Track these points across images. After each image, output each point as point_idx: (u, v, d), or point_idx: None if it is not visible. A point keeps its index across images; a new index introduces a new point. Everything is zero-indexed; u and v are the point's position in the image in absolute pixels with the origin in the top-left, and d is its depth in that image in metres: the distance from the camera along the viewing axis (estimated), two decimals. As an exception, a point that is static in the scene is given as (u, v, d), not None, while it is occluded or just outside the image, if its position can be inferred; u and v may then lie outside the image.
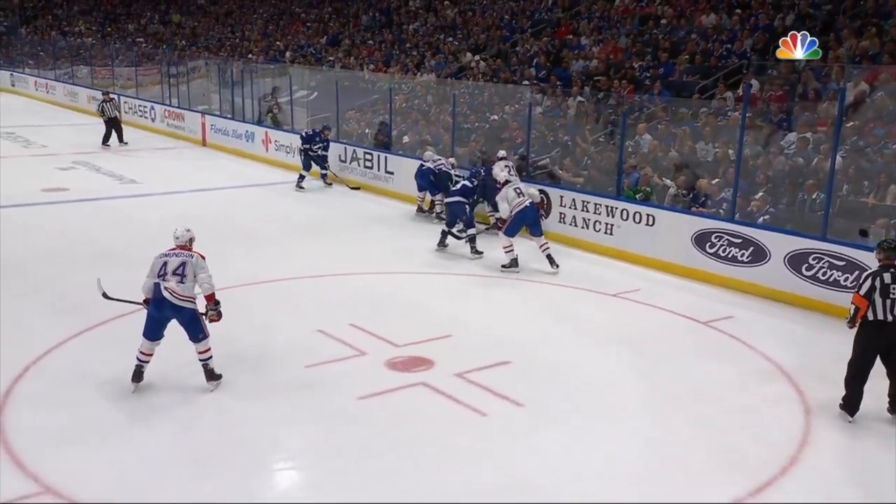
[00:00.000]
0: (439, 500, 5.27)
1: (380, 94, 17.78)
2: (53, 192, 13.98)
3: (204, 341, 6.68)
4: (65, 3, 41.06)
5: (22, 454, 5.62)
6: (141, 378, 6.64)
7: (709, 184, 10.57)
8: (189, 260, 6.59)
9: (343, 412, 6.42)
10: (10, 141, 19.89)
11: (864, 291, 6.11)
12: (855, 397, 6.29)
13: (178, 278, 6.52)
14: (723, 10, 15.26)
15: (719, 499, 5.36)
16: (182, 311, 6.57)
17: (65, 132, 22.03)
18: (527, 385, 6.89)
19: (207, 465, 5.63)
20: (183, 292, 6.52)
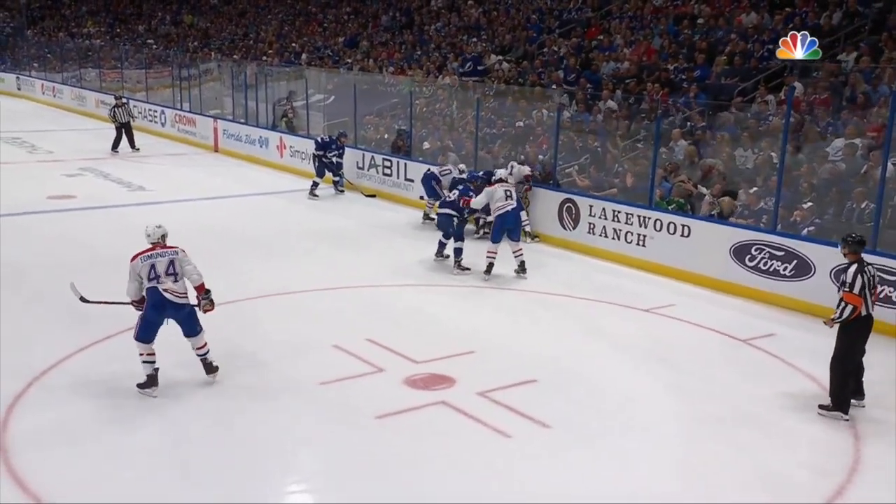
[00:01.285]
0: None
1: (399, 98, 17.85)
2: (59, 200, 14.14)
3: (201, 334, 6.94)
4: (73, 3, 41.68)
5: (24, 468, 5.66)
6: (157, 381, 6.84)
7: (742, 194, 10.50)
8: (175, 257, 6.83)
9: (359, 432, 6.40)
10: (16, 146, 20.17)
11: (858, 290, 6.55)
12: (847, 395, 6.71)
13: (172, 277, 6.74)
14: (764, 8, 15.17)
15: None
16: (181, 308, 6.79)
17: (72, 137, 22.29)
18: (553, 405, 6.85)
19: (219, 487, 5.63)
20: (180, 290, 6.77)
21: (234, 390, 7.06)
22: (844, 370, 6.70)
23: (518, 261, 10.43)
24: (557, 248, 11.76)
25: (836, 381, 6.73)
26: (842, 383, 6.70)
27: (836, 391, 6.72)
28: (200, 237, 11.90)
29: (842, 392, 6.71)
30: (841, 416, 6.67)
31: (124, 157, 19.08)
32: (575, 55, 17.23)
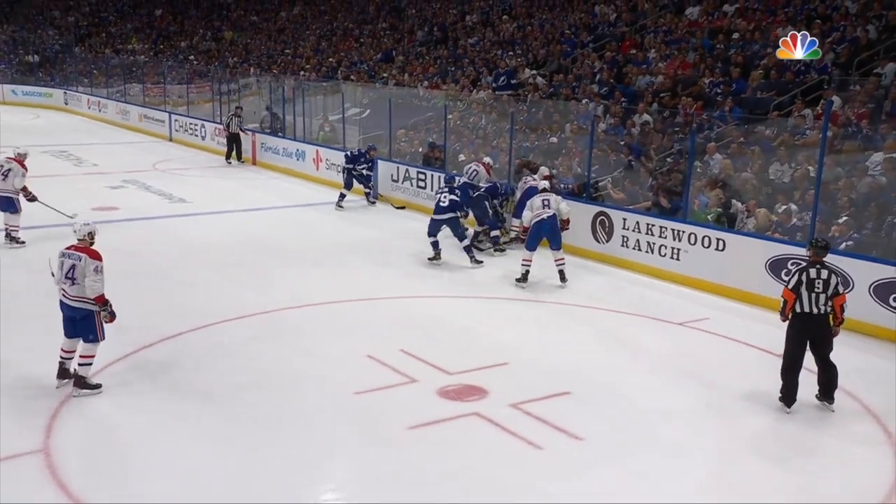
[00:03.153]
0: (492, 539, 5.19)
1: (434, 112, 17.89)
2: (103, 211, 14.34)
3: (92, 344, 7.01)
4: (118, 21, 42.49)
5: (66, 471, 5.70)
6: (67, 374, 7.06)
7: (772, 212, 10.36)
8: (77, 262, 6.89)
9: (393, 442, 6.38)
10: (62, 159, 20.56)
11: (792, 285, 6.84)
12: (791, 388, 6.91)
13: (69, 281, 6.87)
14: (801, 22, 14.98)
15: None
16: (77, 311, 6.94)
17: (116, 150, 22.65)
18: (586, 418, 6.77)
19: (256, 492, 5.64)
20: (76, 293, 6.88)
21: (270, 398, 7.08)
22: (784, 364, 6.97)
23: (558, 269, 10.49)
24: (591, 260, 11.67)
25: (781, 374, 6.99)
26: (785, 378, 6.94)
27: (782, 384, 6.97)
28: (238, 248, 12.06)
29: (785, 385, 6.93)
30: (783, 408, 6.93)
31: (166, 171, 19.23)
32: (609, 69, 17.15)
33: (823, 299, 6.78)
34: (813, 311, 6.77)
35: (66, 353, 7.08)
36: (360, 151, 15.66)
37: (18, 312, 8.93)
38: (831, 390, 6.97)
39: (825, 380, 6.97)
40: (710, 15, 17.29)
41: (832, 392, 6.97)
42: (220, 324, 8.82)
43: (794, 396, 6.92)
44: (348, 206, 15.35)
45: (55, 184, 17.12)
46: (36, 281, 9.86)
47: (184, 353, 8.01)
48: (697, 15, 17.58)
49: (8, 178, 11.50)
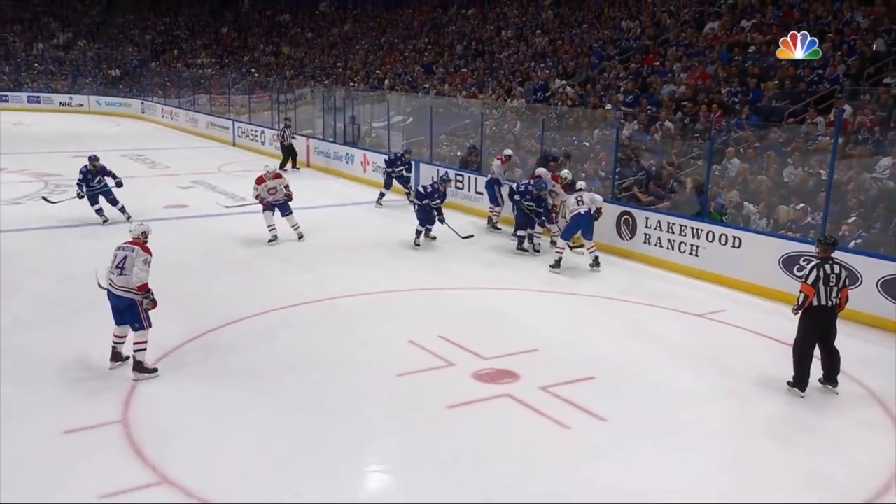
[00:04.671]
0: (523, 509, 5.18)
1: (471, 119, 17.86)
2: (174, 209, 14.58)
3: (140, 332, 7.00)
4: (189, 38, 43.08)
5: (142, 441, 5.82)
6: (120, 357, 7.17)
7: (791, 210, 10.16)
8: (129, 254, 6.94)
9: (431, 420, 6.40)
10: (139, 162, 20.92)
11: (812, 281, 6.71)
12: (805, 375, 6.85)
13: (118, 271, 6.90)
14: (814, 35, 14.65)
15: (807, 523, 5.07)
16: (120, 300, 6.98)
17: (185, 154, 22.98)
18: (610, 401, 6.72)
19: (301, 465, 5.69)
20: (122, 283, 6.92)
21: (321, 379, 7.15)
22: (799, 354, 6.86)
23: (592, 256, 10.73)
24: (615, 256, 11.57)
25: (795, 362, 6.88)
26: (800, 365, 6.85)
27: (797, 371, 6.87)
28: (293, 242, 12.16)
29: (799, 371, 6.85)
30: (798, 393, 6.84)
31: (230, 173, 19.41)
32: (633, 80, 16.97)
33: (835, 292, 6.74)
34: (827, 304, 6.73)
35: (118, 338, 7.16)
36: (398, 155, 15.73)
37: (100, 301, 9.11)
38: (835, 374, 6.93)
39: (829, 364, 6.93)
40: (729, 30, 17.01)
41: (836, 376, 6.93)
42: (278, 311, 8.91)
43: (807, 383, 6.86)
44: (390, 205, 15.38)
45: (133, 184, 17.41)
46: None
47: (246, 336, 8.12)
48: (717, 30, 17.31)
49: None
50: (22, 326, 8.26)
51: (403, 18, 32.22)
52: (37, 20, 43.42)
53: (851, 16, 14.77)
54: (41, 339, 7.90)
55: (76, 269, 10.35)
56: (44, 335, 8.01)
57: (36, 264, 10.74)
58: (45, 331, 8.15)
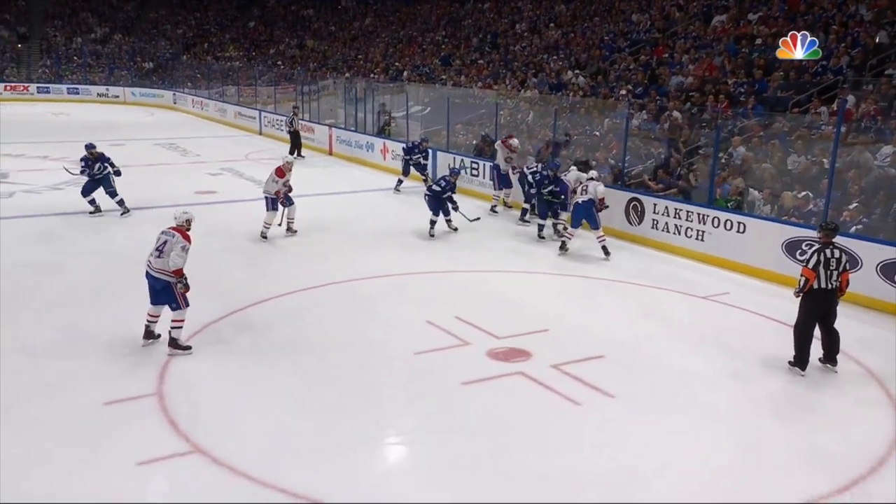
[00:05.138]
0: (533, 480, 5.20)
1: (486, 109, 17.78)
2: (204, 195, 14.65)
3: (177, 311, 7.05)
4: (218, 32, 43.10)
5: (175, 413, 5.90)
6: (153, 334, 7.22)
7: (795, 196, 10.05)
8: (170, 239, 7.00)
9: (448, 395, 6.44)
10: (171, 150, 21.03)
11: (812, 265, 6.66)
12: (805, 355, 6.82)
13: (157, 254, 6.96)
14: (819, 28, 14.45)
15: (804, 495, 5.05)
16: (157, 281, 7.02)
17: (215, 143, 23.04)
18: (618, 378, 6.72)
19: (325, 437, 5.75)
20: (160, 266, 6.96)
21: (345, 356, 7.20)
22: (801, 334, 6.82)
23: (601, 246, 10.61)
24: (624, 241, 11.52)
25: (796, 343, 6.84)
26: (800, 345, 6.81)
27: (797, 351, 6.83)
28: (316, 226, 12.20)
29: (800, 352, 6.81)
30: (798, 372, 6.81)
31: (257, 161, 19.41)
32: (643, 71, 16.80)
33: (835, 276, 6.70)
34: (827, 287, 6.68)
35: (151, 317, 7.21)
36: (416, 143, 15.71)
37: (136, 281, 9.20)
38: (834, 354, 6.90)
39: (829, 345, 6.90)
40: (736, 22, 16.77)
41: (835, 356, 6.90)
42: (302, 291, 8.97)
43: (807, 362, 6.85)
44: (408, 191, 15.36)
45: (166, 171, 17.62)
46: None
47: (272, 316, 8.18)
48: (724, 22, 17.07)
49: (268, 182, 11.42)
50: (65, 305, 8.37)
51: (422, 12, 32.05)
52: (76, 16, 43.60)
53: (856, 9, 14.52)
54: (82, 316, 8.01)
55: (115, 252, 10.49)
56: (85, 313, 8.12)
57: (77, 247, 10.86)
58: (86, 309, 8.26)
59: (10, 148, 19.60)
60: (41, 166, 17.34)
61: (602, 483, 5.18)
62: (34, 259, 10.07)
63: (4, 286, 8.87)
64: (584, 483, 5.19)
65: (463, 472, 5.30)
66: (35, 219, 12.33)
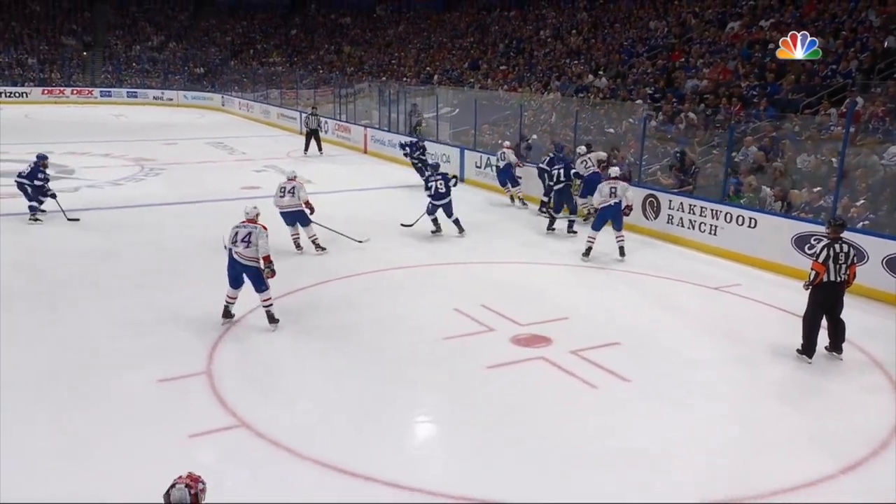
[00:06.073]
0: (552, 456, 5.20)
1: (511, 111, 17.69)
2: (249, 190, 14.76)
3: (265, 292, 7.23)
4: (263, 39, 43.39)
5: (223, 390, 5.99)
6: (230, 315, 7.38)
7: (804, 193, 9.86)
8: (253, 230, 7.13)
9: (473, 378, 6.45)
10: (219, 149, 21.25)
11: (822, 259, 6.54)
12: (813, 344, 6.73)
13: (244, 244, 7.07)
14: (830, 33, 14.13)
15: (808, 475, 4.99)
16: (248, 268, 7.14)
17: (259, 142, 23.22)
18: (633, 364, 6.68)
19: (362, 414, 5.81)
20: (250, 255, 7.09)
21: (378, 339, 7.25)
22: (810, 324, 6.72)
23: (619, 245, 10.12)
24: (640, 235, 11.40)
25: (804, 332, 6.75)
26: (809, 334, 6.72)
27: (805, 340, 6.75)
28: (351, 220, 12.24)
29: (808, 341, 6.73)
30: (805, 360, 6.73)
31: (304, 158, 19.48)
32: (660, 75, 16.58)
33: (843, 269, 6.59)
34: (836, 280, 6.59)
35: (230, 299, 7.35)
36: (412, 142, 15.12)
37: (188, 269, 9.36)
38: (840, 343, 6.81)
39: (835, 334, 6.80)
40: (749, 28, 16.45)
41: (841, 344, 6.81)
42: (338, 280, 9.05)
43: (814, 350, 6.76)
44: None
45: (215, 168, 17.82)
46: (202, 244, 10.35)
47: (311, 302, 8.26)
48: (737, 29, 16.76)
49: (294, 193, 10.16)
50: (121, 291, 8.53)
51: (451, 20, 31.93)
52: (135, 25, 44.21)
53: (865, 15, 14.17)
54: (138, 301, 8.15)
55: (169, 242, 10.66)
56: (141, 298, 8.26)
57: (134, 237, 11.05)
58: (142, 294, 8.40)
59: (76, 146, 19.99)
60: (103, 163, 17.65)
61: (615, 460, 5.17)
62: (95, 248, 10.28)
63: (67, 274, 9.08)
64: (599, 460, 5.18)
65: (486, 449, 5.32)
66: (96, 211, 12.57)
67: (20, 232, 11.04)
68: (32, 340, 7.04)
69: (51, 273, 9.11)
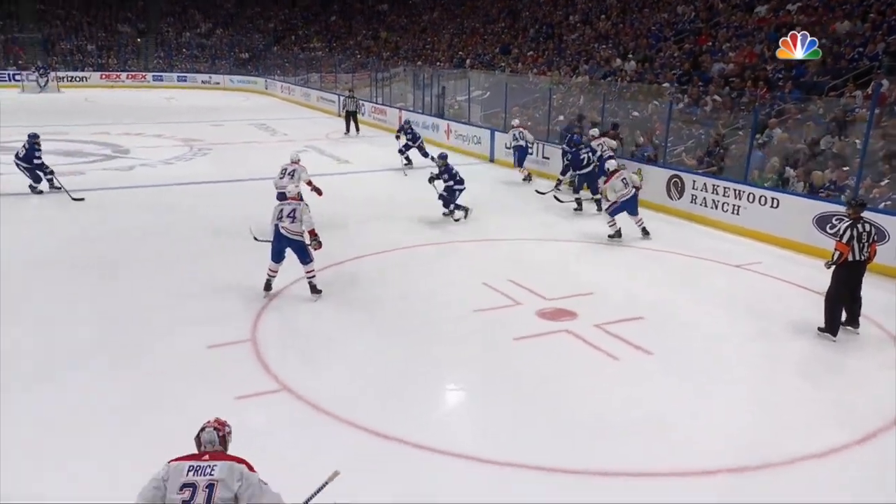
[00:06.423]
0: (575, 424, 5.21)
1: (540, 94, 17.46)
2: (291, 169, 14.86)
3: (310, 264, 7.32)
4: (304, 26, 43.38)
5: (267, 357, 6.08)
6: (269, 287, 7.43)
7: (828, 173, 9.58)
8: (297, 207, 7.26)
9: (502, 349, 6.46)
10: (262, 130, 21.39)
11: (847, 240, 6.41)
12: (837, 322, 6.60)
13: (290, 219, 7.17)
14: (857, 17, 13.61)
15: (823, 445, 4.92)
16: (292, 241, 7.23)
17: (300, 124, 23.30)
18: (655, 338, 6.62)
19: (395, 381, 5.86)
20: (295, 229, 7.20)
21: (412, 311, 7.29)
22: (833, 302, 6.60)
23: (640, 228, 9.91)
24: (664, 214, 11.24)
25: (827, 310, 6.62)
26: (832, 313, 6.60)
27: (828, 318, 6.62)
28: (386, 198, 12.29)
29: (832, 319, 6.61)
30: (830, 338, 6.58)
31: (343, 139, 19.57)
32: (686, 59, 16.17)
33: (866, 248, 6.51)
34: (859, 259, 6.50)
35: (272, 272, 7.44)
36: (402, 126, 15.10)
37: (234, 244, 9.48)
38: (857, 317, 6.73)
39: (854, 309, 6.70)
40: (776, 12, 15.92)
41: (857, 318, 6.73)
42: (375, 255, 9.09)
43: (839, 327, 6.65)
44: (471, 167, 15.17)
45: (259, 148, 17.96)
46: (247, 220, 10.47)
47: (348, 276, 8.31)
48: (765, 13, 16.23)
49: (294, 176, 10.06)
50: (174, 264, 8.69)
51: (483, 6, 31.47)
52: (185, 13, 44.51)
53: (894, -3, 13.60)
54: (189, 274, 8.31)
55: (216, 218, 10.80)
56: (191, 271, 8.42)
57: (184, 213, 11.22)
58: (191, 267, 8.56)
59: (130, 128, 20.31)
60: (156, 144, 17.92)
61: (640, 430, 5.15)
62: (149, 224, 10.47)
63: (122, 246, 9.28)
64: (625, 429, 5.16)
65: (512, 416, 5.35)
66: (150, 189, 12.79)
67: (80, 208, 11.29)
68: (94, 308, 7.23)
69: (110, 247, 9.31)
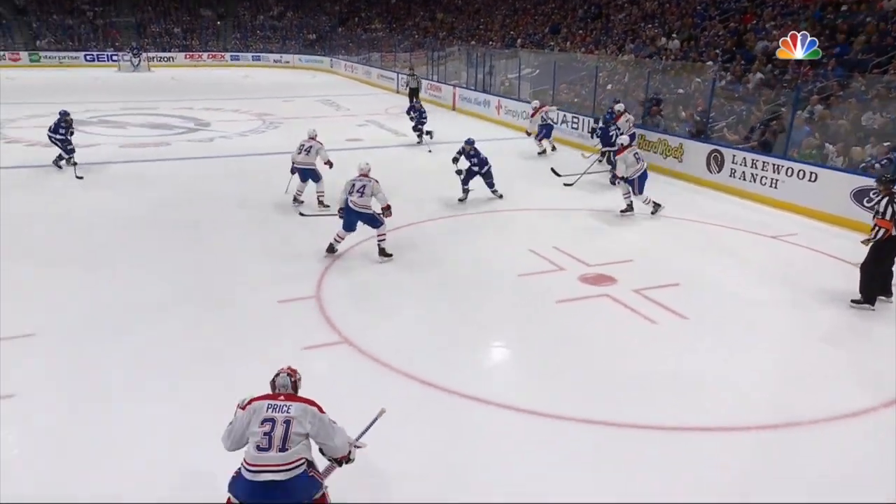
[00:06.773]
0: (616, 380, 5.17)
1: (587, 72, 16.96)
2: (352, 142, 14.96)
3: (381, 227, 7.44)
4: (366, 8, 43.11)
5: (332, 314, 6.21)
6: (334, 250, 7.55)
7: (868, 148, 9.05)
8: (368, 183, 7.35)
9: (545, 311, 6.43)
10: (328, 105, 21.53)
11: (890, 216, 6.12)
12: (874, 293, 6.36)
13: (359, 194, 7.27)
14: (907, -7, 12.65)
15: (848, 406, 4.77)
16: (362, 214, 7.34)
17: (361, 100, 23.34)
18: (691, 303, 6.47)
19: (447, 338, 5.92)
20: (363, 203, 7.31)
21: (461, 274, 7.31)
22: (871, 275, 6.34)
23: (651, 203, 9.38)
24: (704, 187, 10.88)
25: (864, 282, 6.38)
26: (869, 284, 6.35)
27: (865, 289, 6.38)
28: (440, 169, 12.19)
29: (869, 290, 6.36)
30: (868, 307, 6.36)
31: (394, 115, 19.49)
32: (731, 37, 15.40)
33: None
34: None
35: (339, 237, 7.56)
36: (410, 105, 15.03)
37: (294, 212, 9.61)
38: (889, 287, 6.48)
39: (887, 280, 6.45)
40: (823, -10, 14.91)
41: (890, 288, 6.48)
42: (429, 221, 9.11)
43: (875, 298, 6.43)
44: (514, 143, 14.95)
45: (324, 122, 18.06)
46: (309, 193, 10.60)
47: (405, 239, 8.36)
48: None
49: (311, 152, 9.62)
50: (250, 227, 8.90)
51: (534, -13, 30.57)
52: (258, -3, 44.88)
53: (945, -27, 12.56)
54: (262, 236, 8.50)
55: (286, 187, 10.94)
56: (264, 234, 8.61)
57: (258, 182, 11.39)
58: (264, 230, 8.75)
59: (211, 103, 20.73)
60: (232, 118, 18.25)
61: (673, 385, 5.09)
62: (229, 192, 10.71)
63: (206, 212, 9.54)
64: (656, 386, 5.10)
65: (554, 373, 5.34)
66: (227, 158, 13.08)
67: (169, 176, 11.65)
68: (179, 266, 7.49)
69: (195, 211, 9.59)
